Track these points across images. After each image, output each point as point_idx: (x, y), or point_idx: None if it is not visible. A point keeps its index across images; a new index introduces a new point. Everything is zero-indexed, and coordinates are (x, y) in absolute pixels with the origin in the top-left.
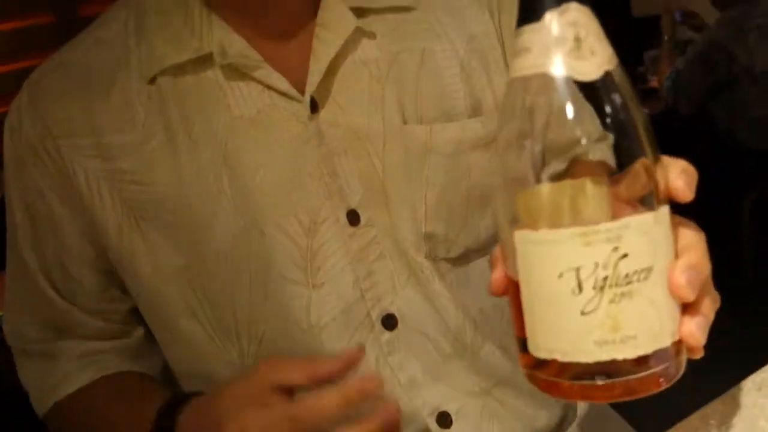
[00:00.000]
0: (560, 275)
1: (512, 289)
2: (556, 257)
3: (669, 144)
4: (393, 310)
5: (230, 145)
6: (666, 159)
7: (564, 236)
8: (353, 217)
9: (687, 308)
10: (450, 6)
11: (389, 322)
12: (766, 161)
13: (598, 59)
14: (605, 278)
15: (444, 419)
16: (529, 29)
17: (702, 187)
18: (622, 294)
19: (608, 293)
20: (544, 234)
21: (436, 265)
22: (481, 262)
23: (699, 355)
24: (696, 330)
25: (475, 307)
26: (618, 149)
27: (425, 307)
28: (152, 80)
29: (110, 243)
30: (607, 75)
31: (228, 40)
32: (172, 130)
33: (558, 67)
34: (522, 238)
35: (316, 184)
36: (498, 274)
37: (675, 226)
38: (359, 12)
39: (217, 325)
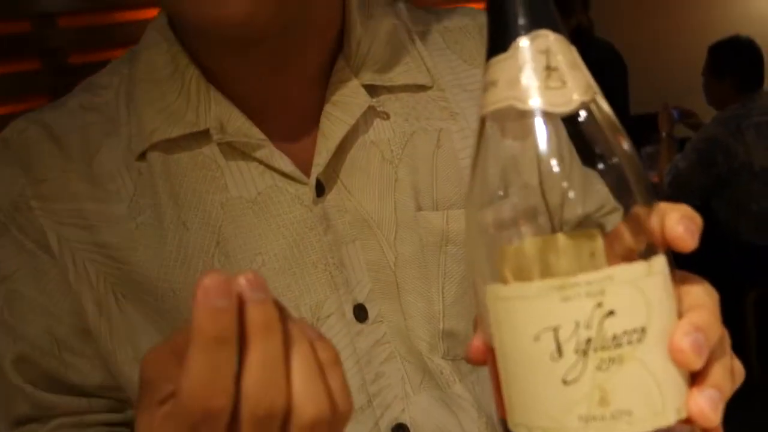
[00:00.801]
0: (536, 337)
1: (490, 358)
2: (531, 315)
3: None
4: (404, 419)
5: (225, 229)
6: (663, 205)
7: (538, 290)
8: (361, 313)
9: (695, 379)
10: (464, 84)
11: None
12: None
13: (572, 89)
14: (588, 340)
15: None
16: (497, 61)
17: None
18: (611, 359)
19: (594, 358)
20: (516, 288)
21: (456, 365)
22: None
23: None
24: (706, 406)
25: None
26: None
27: (443, 415)
28: (143, 155)
29: (87, 320)
30: (584, 107)
31: (227, 117)
32: (160, 209)
33: (526, 99)
34: (493, 294)
35: (321, 274)
36: (477, 341)
37: (680, 283)
38: (372, 90)
39: None
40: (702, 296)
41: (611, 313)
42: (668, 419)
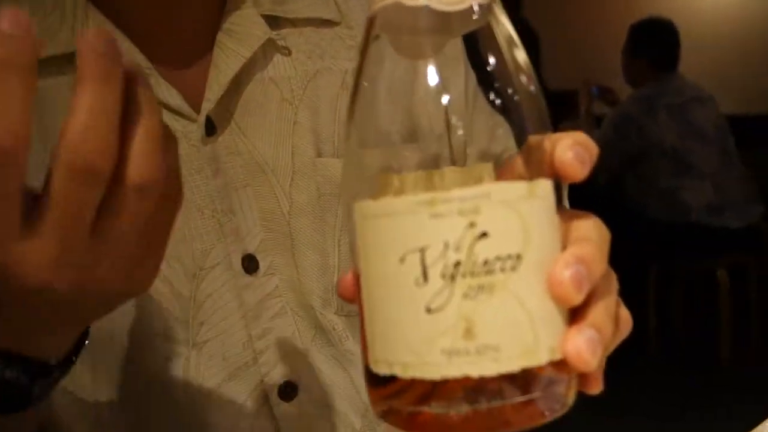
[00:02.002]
0: (402, 259)
1: (357, 291)
2: (397, 234)
3: None
4: (293, 377)
5: None
6: (558, 134)
7: (406, 206)
8: (250, 264)
9: (574, 318)
10: None
11: (287, 391)
12: (673, 234)
13: None
14: (457, 264)
15: None
16: None
17: (610, 258)
18: (480, 287)
19: (461, 285)
20: (383, 204)
21: (350, 321)
22: None
23: (596, 388)
24: (583, 346)
25: None
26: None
27: (334, 373)
28: None
29: None
30: (480, 10)
31: None
32: None
33: None
34: (361, 212)
35: (207, 221)
36: (350, 274)
37: (570, 219)
38: (273, 22)
39: (76, 382)
40: (590, 230)
41: (484, 235)
42: (540, 358)
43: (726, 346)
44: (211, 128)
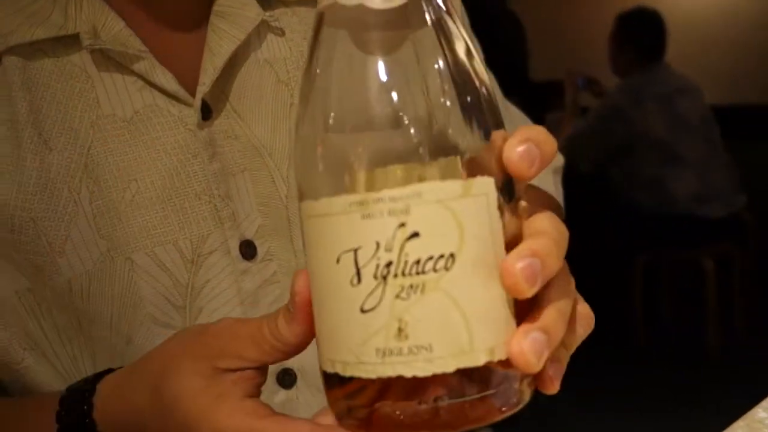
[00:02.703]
0: (338, 259)
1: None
2: (333, 235)
3: (567, 205)
4: (291, 363)
5: (95, 151)
6: (514, 131)
7: (341, 206)
8: (248, 250)
9: (525, 318)
10: None
11: (286, 378)
12: (659, 224)
13: None
14: (389, 264)
15: None
16: None
17: (596, 249)
18: (412, 287)
19: (393, 285)
20: (322, 205)
21: None
22: None
23: (551, 389)
24: (528, 348)
25: None
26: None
27: None
28: None
29: None
30: (416, 5)
31: (102, 20)
32: (17, 125)
33: None
34: (305, 212)
35: (204, 206)
36: (305, 271)
37: (527, 214)
38: (266, 2)
39: (71, 365)
40: (545, 224)
41: (415, 235)
42: (476, 359)
43: (713, 335)
44: (207, 112)
